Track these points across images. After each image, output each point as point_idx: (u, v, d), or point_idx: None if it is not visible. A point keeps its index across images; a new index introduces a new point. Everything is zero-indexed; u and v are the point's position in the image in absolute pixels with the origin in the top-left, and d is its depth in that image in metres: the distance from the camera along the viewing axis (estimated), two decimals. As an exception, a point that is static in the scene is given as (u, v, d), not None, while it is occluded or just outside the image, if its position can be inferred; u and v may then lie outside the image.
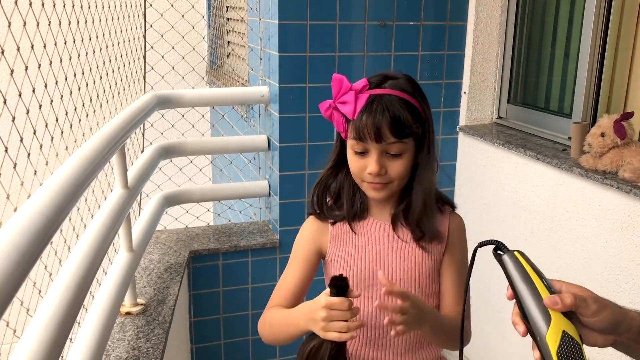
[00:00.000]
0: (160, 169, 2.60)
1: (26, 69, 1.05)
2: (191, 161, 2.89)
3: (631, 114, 1.92)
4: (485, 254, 0.90)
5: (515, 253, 0.83)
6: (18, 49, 1.01)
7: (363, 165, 1.17)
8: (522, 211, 2.32)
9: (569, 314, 0.79)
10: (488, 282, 2.53)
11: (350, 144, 1.18)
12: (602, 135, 1.93)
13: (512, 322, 0.82)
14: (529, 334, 0.80)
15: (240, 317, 2.71)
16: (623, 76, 2.15)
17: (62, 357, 1.39)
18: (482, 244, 0.85)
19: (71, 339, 1.48)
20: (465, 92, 2.71)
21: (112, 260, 1.94)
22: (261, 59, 2.73)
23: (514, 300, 0.82)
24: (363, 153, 1.17)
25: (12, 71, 0.96)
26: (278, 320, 1.24)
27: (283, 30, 2.44)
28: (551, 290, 0.80)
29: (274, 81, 2.55)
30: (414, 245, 1.25)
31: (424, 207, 1.22)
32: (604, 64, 2.17)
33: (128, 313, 1.99)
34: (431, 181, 1.22)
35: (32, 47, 1.13)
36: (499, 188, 2.44)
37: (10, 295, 0.88)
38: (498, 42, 2.67)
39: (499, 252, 0.85)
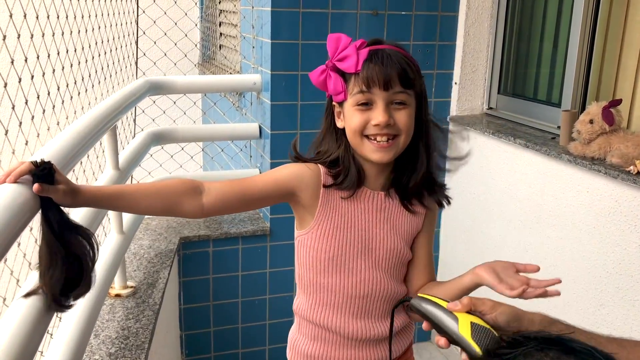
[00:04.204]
0: (151, 155, 2.60)
1: (18, 36, 1.05)
2: (182, 148, 2.89)
3: (619, 101, 1.95)
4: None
5: (420, 295, 0.98)
6: (10, 16, 1.01)
7: (368, 119, 1.14)
8: (511, 199, 2.33)
9: (474, 315, 0.90)
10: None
11: (353, 100, 1.15)
12: (591, 122, 1.95)
13: (436, 343, 0.93)
14: (451, 345, 0.90)
15: (230, 305, 2.71)
16: (612, 65, 2.17)
17: (50, 333, 1.39)
18: (397, 304, 1.10)
19: (59, 317, 1.48)
20: (456, 83, 2.73)
21: (102, 243, 1.94)
22: (253, 47, 2.73)
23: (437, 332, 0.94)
24: (367, 106, 1.14)
25: (4, 36, 0.96)
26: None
27: (275, 17, 2.45)
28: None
29: (266, 69, 2.55)
30: (402, 215, 1.26)
31: (428, 172, 1.22)
32: (593, 54, 2.20)
33: (118, 295, 1.99)
34: (435, 142, 1.22)
35: (25, 16, 1.13)
36: (488, 176, 2.46)
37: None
38: (489, 33, 2.68)
39: (407, 302, 1.00)
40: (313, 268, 1.26)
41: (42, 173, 0.93)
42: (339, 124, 1.22)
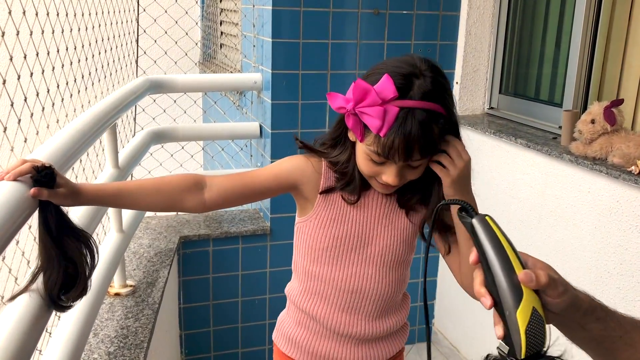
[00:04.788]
0: (151, 154, 2.59)
1: (17, 33, 1.04)
2: (182, 147, 2.88)
3: (621, 101, 1.94)
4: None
5: (487, 218, 0.78)
6: (10, 12, 1.00)
7: (378, 172, 1.11)
8: (512, 199, 2.33)
9: (536, 292, 0.74)
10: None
11: (368, 150, 1.09)
12: (592, 121, 1.94)
13: (475, 292, 0.77)
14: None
15: (230, 304, 2.70)
16: (615, 65, 2.16)
17: (48, 332, 1.39)
18: (446, 203, 0.82)
19: (58, 316, 1.47)
20: (457, 83, 2.72)
21: (101, 241, 1.94)
22: (254, 46, 2.72)
23: (478, 266, 0.77)
24: (380, 161, 1.10)
25: (2, 34, 0.95)
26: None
27: (276, 16, 2.44)
28: (523, 265, 0.75)
29: (267, 68, 2.55)
30: (401, 215, 1.25)
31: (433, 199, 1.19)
32: (595, 54, 2.19)
33: (117, 294, 1.98)
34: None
35: (24, 13, 1.13)
36: (489, 176, 2.45)
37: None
38: (490, 32, 2.68)
39: (466, 214, 0.79)
40: (307, 256, 1.27)
41: (43, 179, 0.93)
42: (351, 137, 1.17)
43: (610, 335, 0.82)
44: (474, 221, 0.78)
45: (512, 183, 2.33)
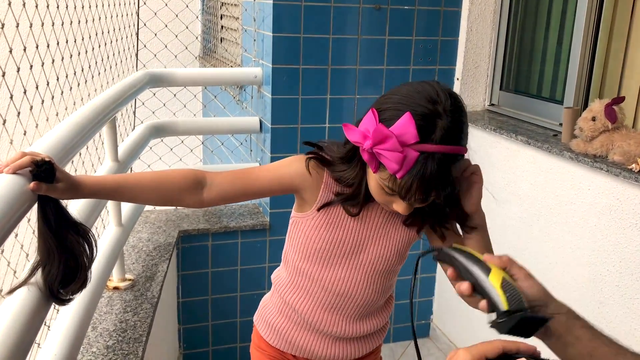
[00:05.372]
0: (150, 148, 2.59)
1: (17, 25, 1.03)
2: (182, 141, 2.87)
3: (622, 99, 1.93)
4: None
5: (455, 245, 0.94)
6: (9, 4, 1.00)
7: (390, 201, 1.09)
8: (512, 196, 2.33)
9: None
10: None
11: (381, 182, 1.05)
12: (593, 119, 1.93)
13: (456, 290, 0.89)
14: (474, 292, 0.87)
15: (228, 299, 2.70)
16: (617, 62, 2.16)
17: (47, 325, 1.38)
18: (424, 254, 0.96)
19: (57, 309, 1.47)
20: (458, 79, 2.72)
21: (100, 235, 1.93)
22: (255, 40, 2.72)
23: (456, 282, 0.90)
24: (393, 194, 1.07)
25: (2, 25, 0.95)
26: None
27: (277, 10, 2.43)
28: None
29: (267, 62, 2.54)
30: (398, 227, 1.24)
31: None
32: (597, 51, 2.18)
33: (116, 288, 1.98)
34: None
35: (24, 4, 1.12)
36: (489, 173, 2.44)
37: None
38: (492, 28, 2.67)
39: (436, 251, 0.95)
40: (299, 253, 1.26)
41: (43, 174, 0.93)
42: (364, 155, 1.10)
43: (602, 350, 0.83)
44: (444, 249, 0.93)
45: (512, 180, 2.33)
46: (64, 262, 0.96)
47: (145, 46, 2.69)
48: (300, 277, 1.28)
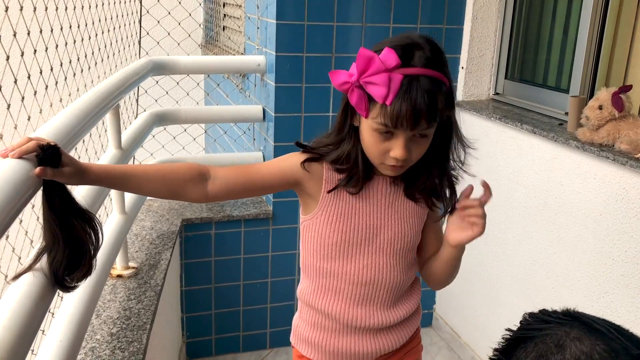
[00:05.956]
0: (153, 136, 2.58)
1: (21, 9, 1.02)
2: (185, 130, 2.86)
3: (629, 87, 1.92)
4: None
5: None
6: (13, -13, 0.98)
7: (386, 149, 1.10)
8: (518, 185, 2.31)
9: None
10: (479, 257, 2.53)
11: (374, 124, 1.09)
12: (600, 107, 1.92)
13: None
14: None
15: (231, 288, 2.70)
16: (623, 52, 2.14)
17: (51, 312, 1.38)
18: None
19: (61, 297, 1.46)
20: (462, 67, 2.70)
21: (103, 223, 1.93)
22: (258, 27, 2.69)
23: None
24: (387, 134, 1.09)
25: (6, 8, 0.93)
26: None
27: (281, -3, 2.41)
28: None
29: (271, 50, 2.52)
30: (407, 202, 1.24)
31: (434, 181, 1.22)
32: (603, 39, 2.16)
33: (119, 276, 1.98)
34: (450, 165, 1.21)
35: (28, -12, 1.11)
36: (494, 162, 2.44)
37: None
38: (497, 17, 2.65)
39: None
40: (317, 253, 1.25)
41: (48, 158, 0.92)
42: (356, 122, 1.16)
43: None
44: None
45: (517, 169, 2.31)
46: (69, 248, 0.95)
47: (148, 33, 2.67)
48: (324, 278, 1.27)
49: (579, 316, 0.64)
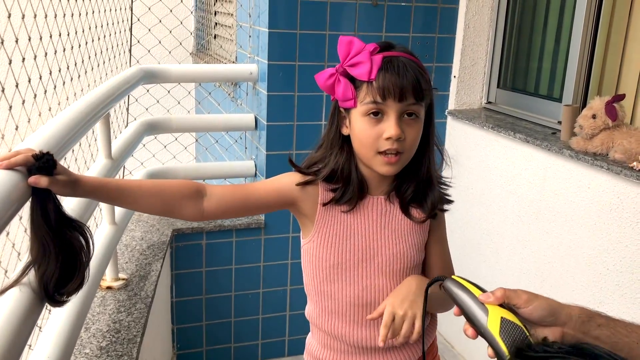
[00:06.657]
0: (144, 145, 2.55)
1: (9, 16, 1.00)
2: (176, 139, 2.84)
3: (622, 96, 1.92)
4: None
5: (454, 277, 0.92)
6: (1, -6, 0.96)
7: (379, 132, 1.10)
8: (510, 194, 2.31)
9: (507, 308, 0.85)
10: (472, 266, 2.52)
11: (363, 108, 1.10)
12: (594, 116, 1.92)
13: (463, 332, 0.89)
14: (479, 337, 0.86)
15: (223, 299, 2.67)
16: (615, 60, 2.14)
17: (39, 327, 1.35)
18: (431, 283, 0.95)
19: (49, 310, 1.43)
20: (455, 76, 2.70)
21: (94, 233, 1.89)
22: (250, 36, 2.68)
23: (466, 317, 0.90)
24: (378, 116, 1.10)
25: (-6, 15, 0.91)
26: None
27: (273, 6, 2.40)
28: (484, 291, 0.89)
29: (263, 58, 2.51)
30: (404, 221, 1.22)
31: (429, 181, 1.20)
32: (596, 48, 2.16)
33: (109, 287, 1.94)
34: (435, 159, 1.22)
35: (16, -5, 1.08)
36: (487, 171, 2.43)
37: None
38: (489, 25, 2.65)
39: (440, 282, 0.94)
40: (317, 276, 1.24)
41: (43, 166, 0.89)
42: (345, 131, 1.17)
43: (624, 342, 0.82)
44: (446, 283, 0.91)
45: (510, 178, 2.31)
46: (60, 260, 0.92)
47: (138, 42, 2.65)
48: (327, 300, 1.24)
49: (582, 347, 0.62)
